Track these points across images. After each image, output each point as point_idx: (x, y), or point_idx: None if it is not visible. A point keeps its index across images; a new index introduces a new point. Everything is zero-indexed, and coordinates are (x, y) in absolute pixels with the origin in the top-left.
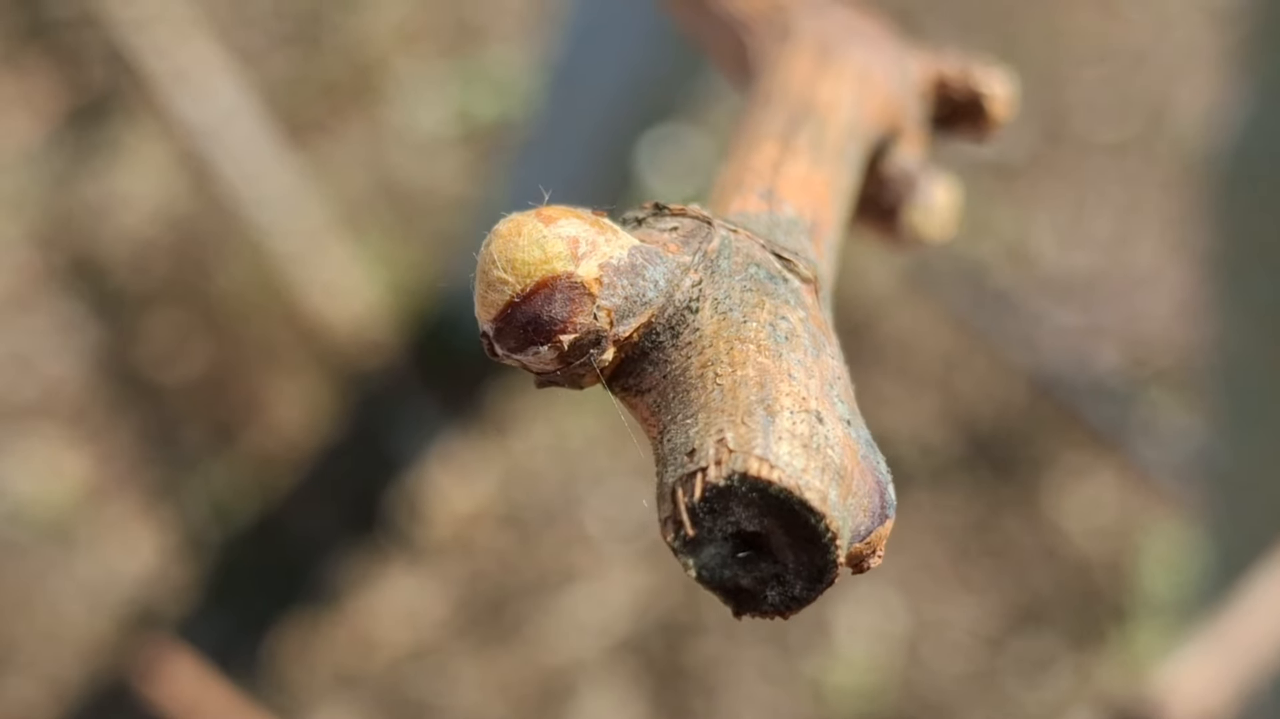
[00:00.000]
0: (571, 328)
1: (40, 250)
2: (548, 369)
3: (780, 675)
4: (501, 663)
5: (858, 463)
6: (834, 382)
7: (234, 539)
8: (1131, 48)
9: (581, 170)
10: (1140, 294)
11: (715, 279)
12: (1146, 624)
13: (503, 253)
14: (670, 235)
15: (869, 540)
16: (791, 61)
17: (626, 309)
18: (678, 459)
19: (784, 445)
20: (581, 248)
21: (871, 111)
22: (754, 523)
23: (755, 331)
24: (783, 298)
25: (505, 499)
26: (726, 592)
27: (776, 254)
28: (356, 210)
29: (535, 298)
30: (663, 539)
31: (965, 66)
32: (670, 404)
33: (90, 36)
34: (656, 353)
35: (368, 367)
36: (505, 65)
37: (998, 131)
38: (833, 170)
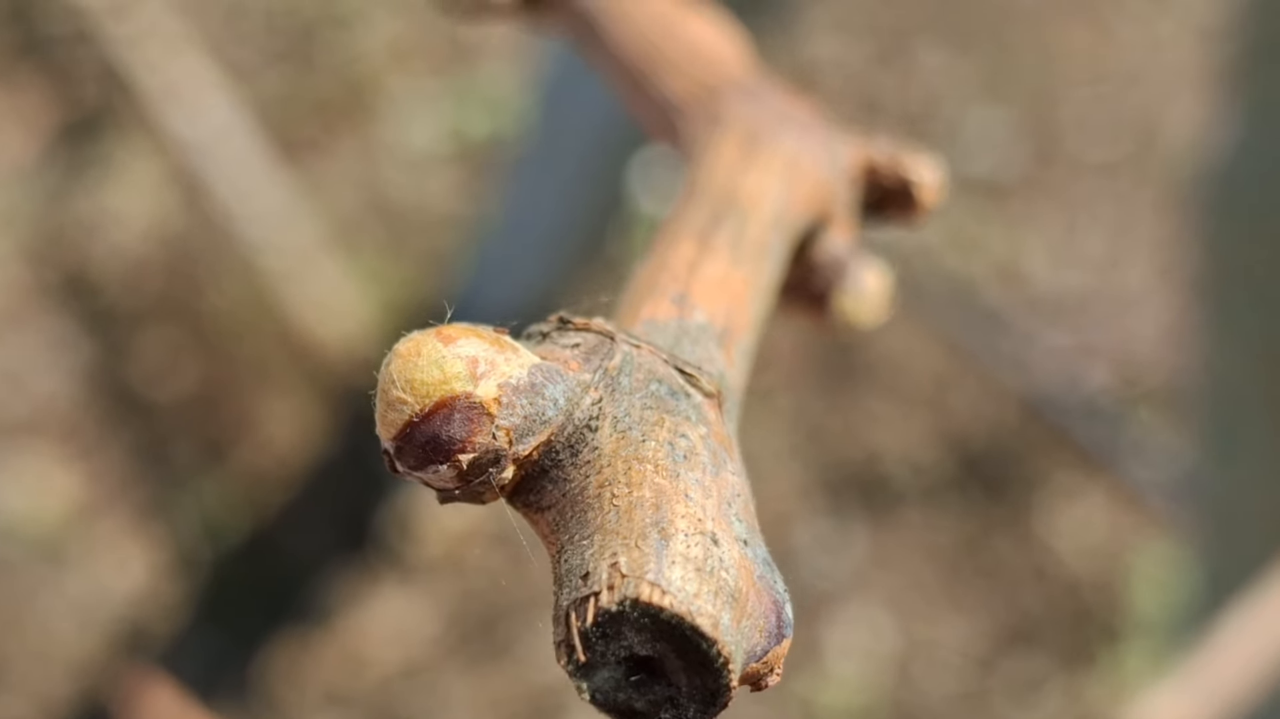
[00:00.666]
0: (470, 447)
1: (32, 267)
2: (448, 487)
3: (770, 696)
4: (492, 681)
5: (754, 584)
6: (732, 500)
7: (225, 557)
8: (1123, 68)
9: (573, 190)
10: (1131, 315)
11: (615, 397)
12: (1137, 645)
13: (402, 373)
14: (572, 352)
15: (766, 660)
16: (718, 151)
17: (526, 428)
18: (573, 582)
19: (677, 570)
20: (481, 367)
21: (799, 199)
22: (647, 647)
23: (654, 451)
24: (684, 414)
25: (496, 518)
26: (620, 714)
27: (679, 369)
28: (348, 228)
29: (434, 418)
30: (558, 662)
31: (894, 153)
32: (568, 523)
33: (83, 53)
34: (556, 471)
35: (359, 384)
36: (497, 84)
37: (925, 218)
38: (752, 268)
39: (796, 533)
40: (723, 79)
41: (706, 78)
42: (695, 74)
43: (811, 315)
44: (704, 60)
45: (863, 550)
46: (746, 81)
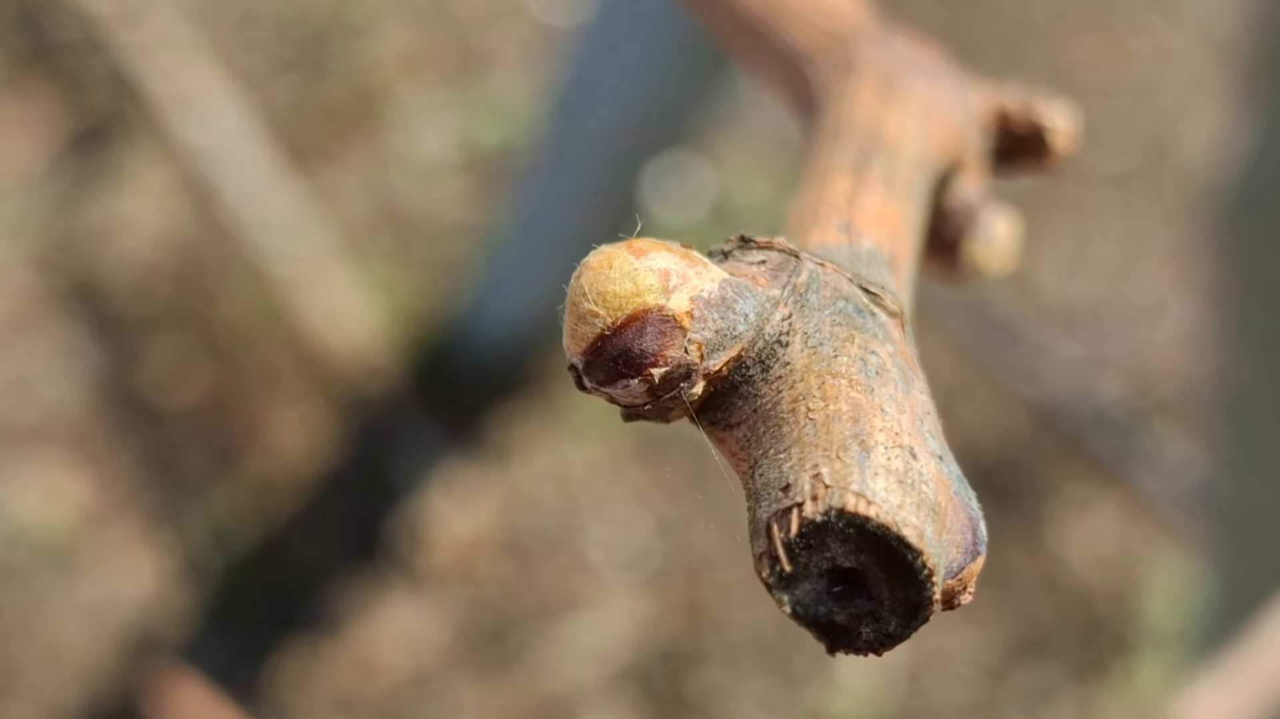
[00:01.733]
0: (662, 361)
1: (42, 274)
2: (636, 403)
3: (781, 705)
4: (502, 690)
5: (951, 499)
6: (924, 417)
7: (234, 564)
8: (1135, 80)
9: (584, 198)
10: (1143, 325)
11: (805, 313)
12: (1149, 656)
13: (593, 285)
14: (758, 269)
15: (960, 577)
16: (856, 94)
17: (717, 343)
18: (771, 494)
19: (880, 481)
20: (673, 280)
21: (936, 143)
22: (850, 559)
23: (846, 366)
24: (871, 332)
25: (506, 526)
26: (820, 628)
27: (863, 288)
28: (358, 236)
29: (626, 331)
30: (758, 576)
31: (1027, 99)
32: (761, 439)
33: (93, 61)
34: (746, 387)
35: (369, 392)
36: (508, 93)
37: (1059, 164)
38: (905, 203)
39: None
40: (849, 28)
41: (832, 27)
42: (820, 24)
43: (941, 262)
44: (826, 10)
45: None
46: (874, 30)
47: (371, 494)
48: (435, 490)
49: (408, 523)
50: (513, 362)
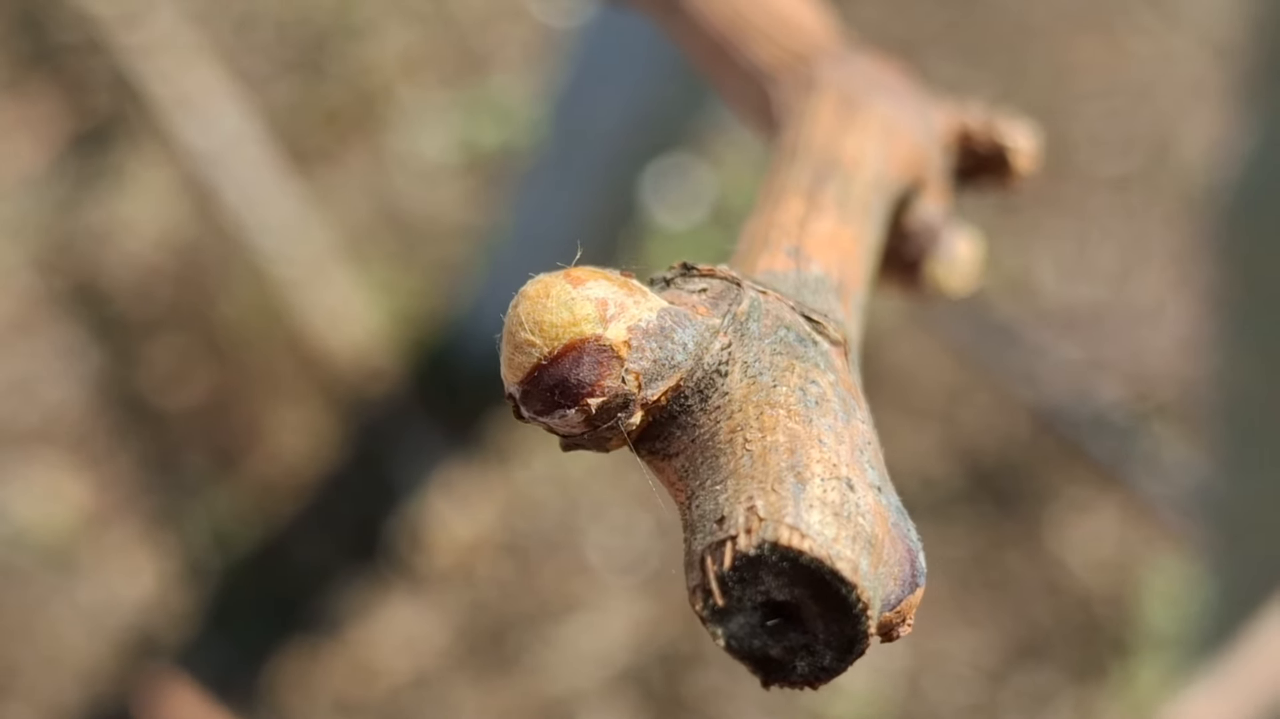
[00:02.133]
0: (599, 391)
1: (43, 276)
2: (574, 432)
3: (780, 708)
4: (501, 692)
5: (888, 530)
6: (864, 447)
7: (235, 566)
8: (1135, 82)
9: (585, 200)
10: (1142, 328)
11: (745, 342)
12: (1148, 659)
13: (530, 314)
14: (699, 297)
15: (899, 609)
16: (816, 114)
17: (655, 372)
18: (706, 526)
19: (815, 513)
20: (610, 309)
21: (896, 164)
22: (784, 592)
23: (785, 396)
24: (812, 361)
25: (506, 528)
26: (755, 661)
27: (806, 316)
28: (359, 237)
29: (563, 361)
30: (691, 608)
31: (989, 119)
32: (698, 469)
33: (95, 62)
34: (684, 417)
35: (369, 394)
36: (508, 94)
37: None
38: (859, 226)
39: None
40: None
41: (795, 45)
42: (784, 42)
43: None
44: (791, 28)
45: None
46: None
47: (372, 496)
48: (435, 492)
49: (408, 525)
50: None
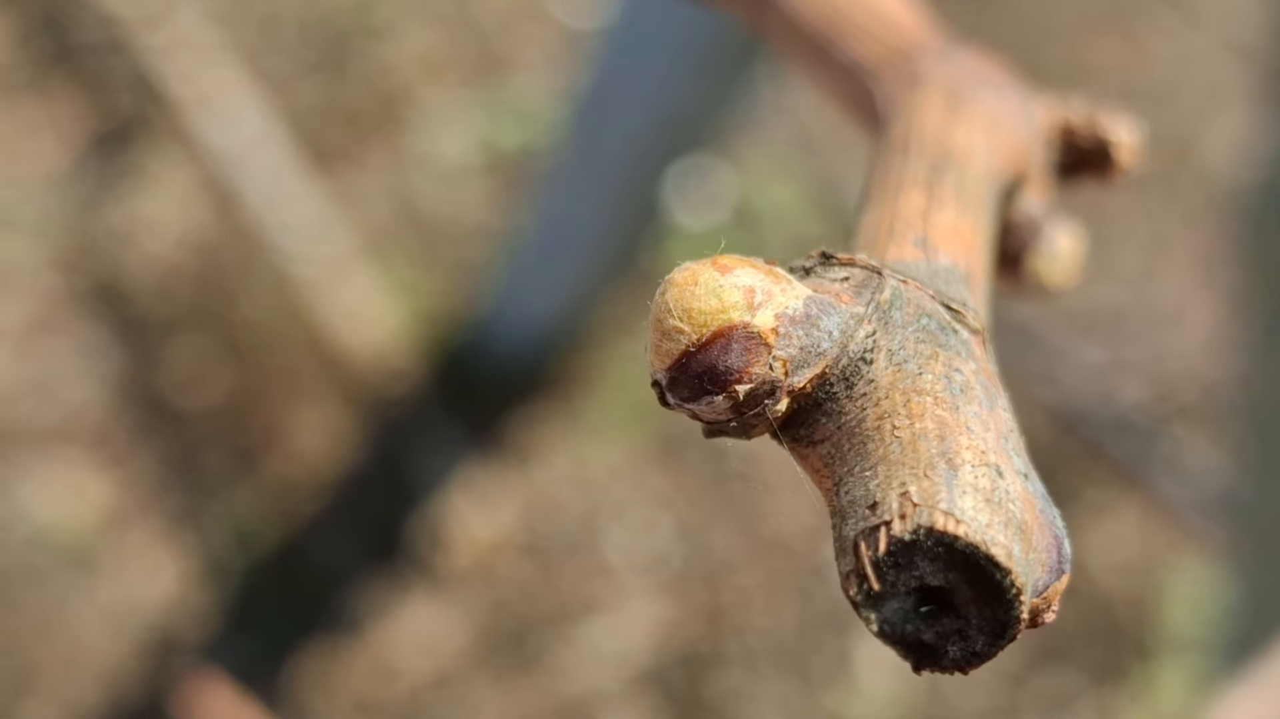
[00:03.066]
0: (747, 378)
1: (64, 275)
2: (720, 419)
3: (800, 709)
4: (521, 693)
5: (1037, 517)
6: (1008, 434)
7: (255, 566)
8: (1156, 84)
9: (606, 201)
10: (1164, 330)
11: (889, 330)
12: (1169, 662)
13: (678, 301)
14: (841, 285)
15: (1045, 595)
16: (924, 109)
17: (801, 359)
18: (858, 512)
19: (968, 499)
20: (758, 297)
21: (1002, 158)
22: (938, 577)
23: (931, 384)
24: (955, 349)
25: (526, 529)
26: (907, 646)
27: (945, 304)
28: (380, 238)
29: (711, 347)
30: (844, 593)
31: (1091, 113)
32: (845, 456)
33: (116, 62)
34: (830, 404)
35: (390, 394)
36: (530, 95)
37: (1123, 178)
38: (976, 218)
39: (827, 547)
40: (913, 42)
41: (896, 41)
42: (883, 38)
43: (1004, 276)
44: (889, 24)
45: None
46: (938, 44)
47: (392, 496)
48: (455, 492)
49: (428, 525)
50: (533, 364)
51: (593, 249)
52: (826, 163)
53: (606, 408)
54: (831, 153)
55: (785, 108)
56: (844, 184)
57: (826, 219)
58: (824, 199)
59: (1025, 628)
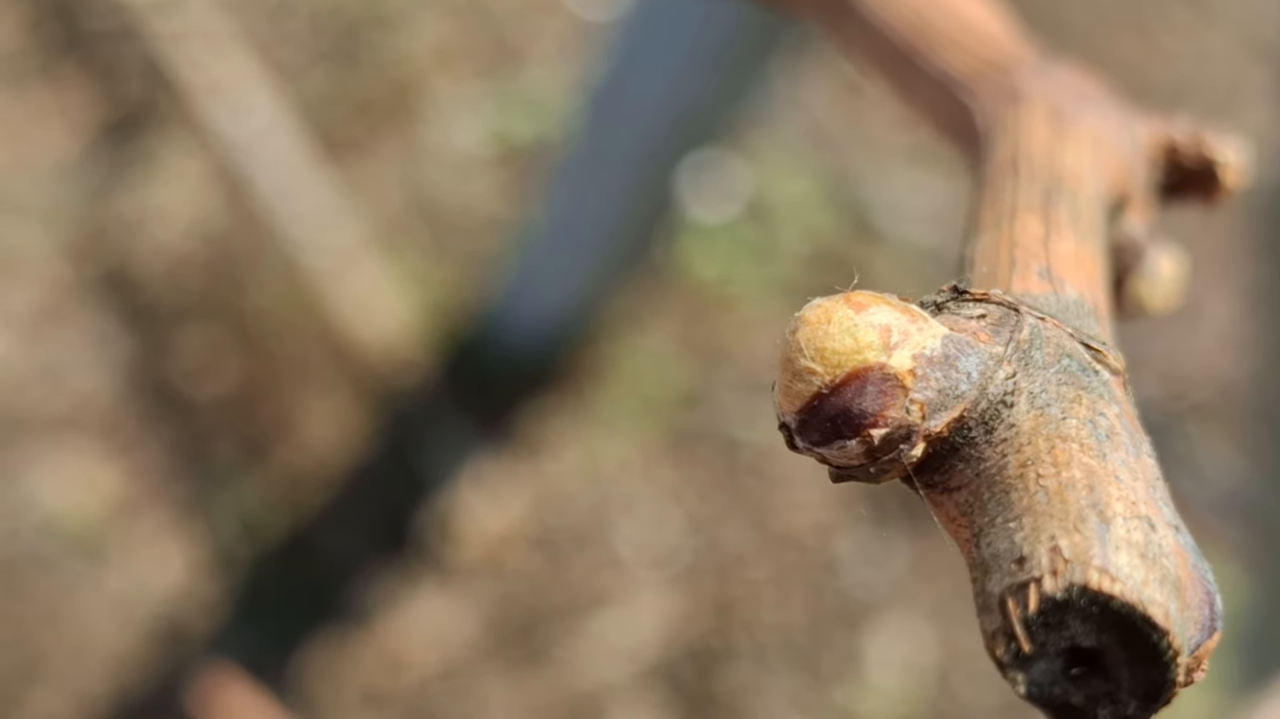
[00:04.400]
0: (882, 422)
1: (73, 263)
2: (852, 463)
3: (811, 704)
4: (530, 685)
5: (1190, 572)
6: (1156, 483)
7: (264, 556)
8: (1173, 81)
9: (618, 194)
10: (1179, 327)
11: (1030, 371)
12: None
13: (811, 341)
14: (978, 323)
15: (1197, 654)
16: (1029, 128)
17: (939, 402)
18: (1004, 566)
19: (1122, 555)
20: (894, 337)
21: (1107, 180)
22: (1090, 638)
23: (1076, 429)
24: (1097, 392)
25: (536, 521)
26: (1055, 708)
27: (1085, 344)
28: (391, 228)
29: (845, 389)
30: (989, 653)
31: (1197, 133)
32: (986, 505)
33: (127, 50)
34: (968, 449)
35: (400, 385)
36: (543, 87)
37: (1227, 200)
38: (1093, 245)
39: (838, 542)
40: (1006, 54)
41: (989, 54)
42: (977, 50)
43: None
44: (981, 36)
45: (904, 561)
46: (1033, 58)
47: (401, 487)
48: (465, 484)
49: (437, 516)
50: (544, 356)
51: (605, 242)
52: (841, 157)
53: (617, 401)
54: (846, 148)
55: (800, 102)
56: (858, 179)
57: (840, 214)
58: (838, 193)
59: (1180, 686)
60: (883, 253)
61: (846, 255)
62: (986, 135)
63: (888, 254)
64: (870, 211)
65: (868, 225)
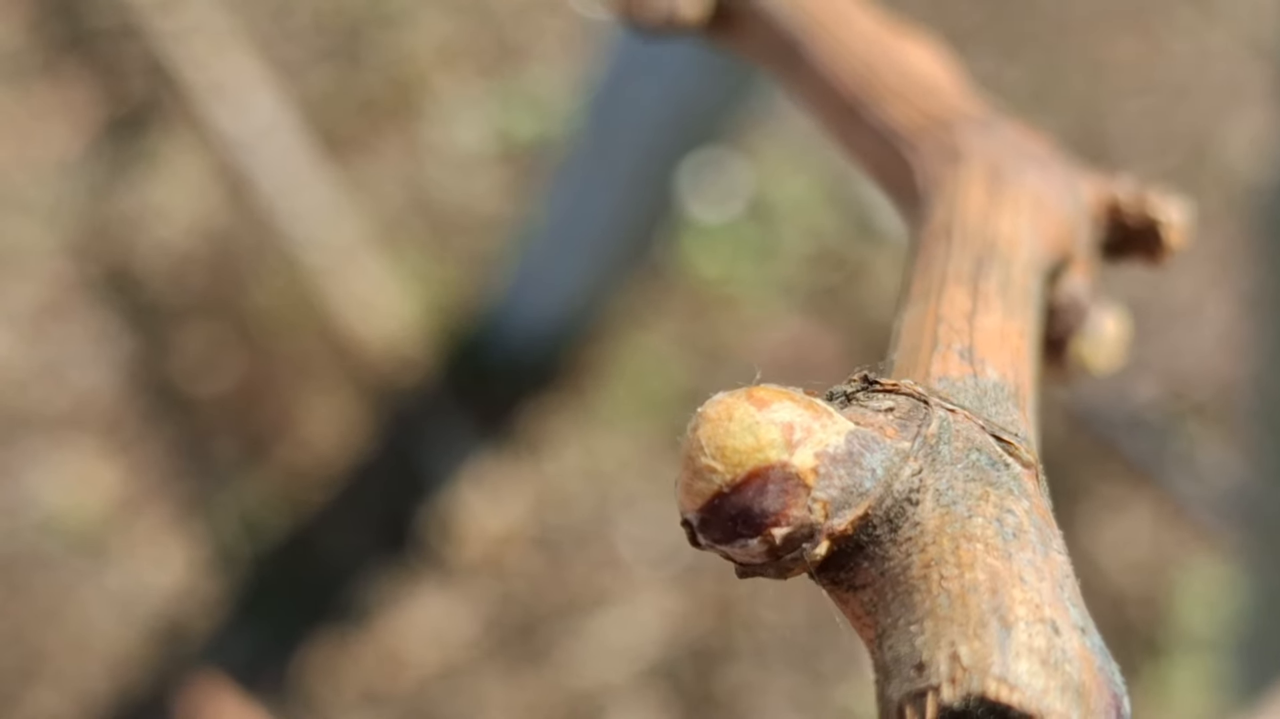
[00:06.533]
0: (784, 521)
1: (75, 261)
2: (754, 561)
3: (811, 703)
4: (530, 685)
5: (1095, 676)
6: (1064, 582)
7: (264, 555)
8: (1173, 81)
9: (620, 193)
10: (1179, 328)
11: (936, 468)
12: (1181, 660)
13: (712, 439)
14: (886, 417)
15: None
16: (966, 190)
17: (842, 500)
18: (904, 672)
19: (1023, 663)
20: (796, 434)
21: (1047, 241)
22: None
23: (982, 528)
24: (1006, 487)
25: (536, 521)
26: None
27: (995, 436)
28: (392, 227)
29: (746, 488)
30: None
31: (1140, 192)
32: (889, 605)
33: (129, 48)
34: (873, 547)
35: (401, 384)
36: (545, 85)
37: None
38: (1023, 318)
39: None
40: (950, 109)
41: (933, 109)
42: (919, 103)
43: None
44: (927, 90)
45: None
46: (975, 112)
47: (401, 486)
48: (465, 483)
49: (437, 516)
50: (545, 355)
51: (606, 241)
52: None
53: (618, 400)
54: None
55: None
56: (859, 178)
57: (841, 213)
58: (839, 193)
59: None
60: (883, 252)
61: (847, 255)
62: (925, 196)
63: (888, 253)
64: (871, 211)
65: (869, 224)
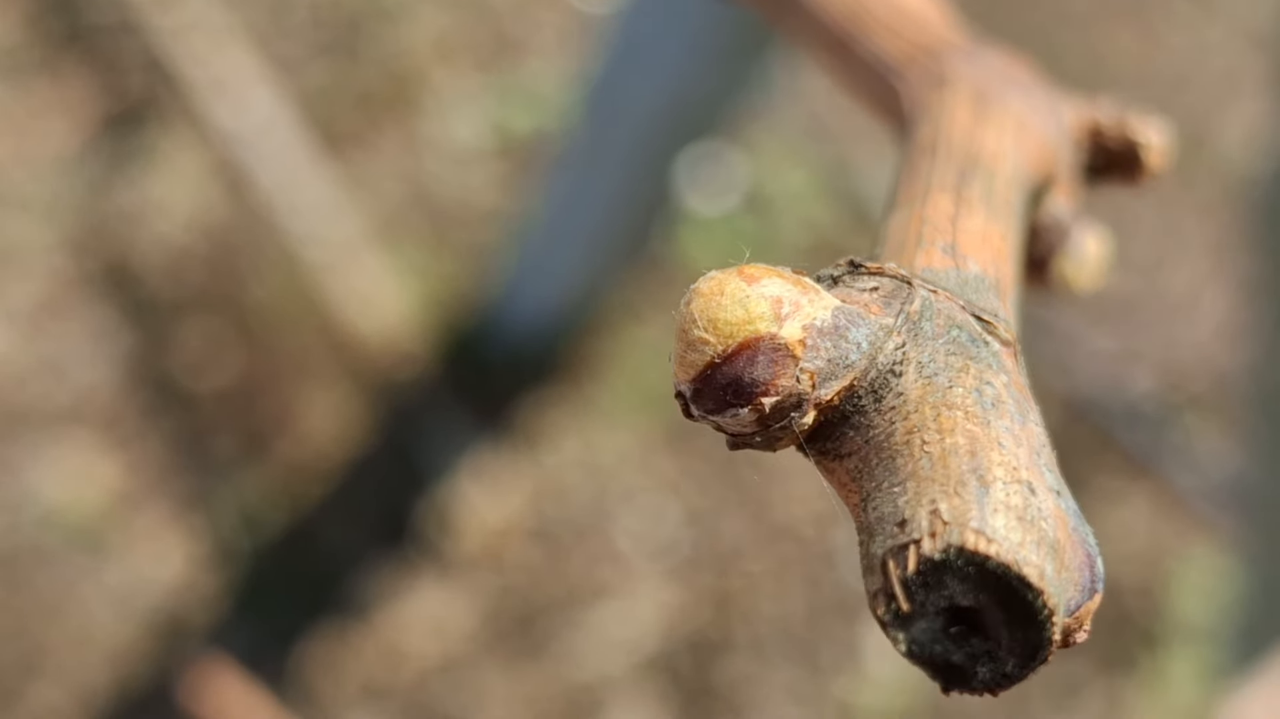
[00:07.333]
0: (773, 390)
1: (74, 257)
2: (745, 432)
3: (809, 696)
4: (529, 678)
5: (1069, 535)
6: (1040, 450)
7: (263, 549)
8: (1171, 73)
9: (617, 186)
10: (1176, 319)
11: (919, 342)
12: (1178, 651)
13: (704, 312)
14: (870, 295)
15: (1077, 615)
16: (952, 110)
17: (829, 372)
18: (886, 529)
19: (1000, 518)
20: (785, 308)
21: (1030, 161)
22: (968, 598)
23: (962, 398)
24: (985, 362)
25: (535, 513)
26: (935, 667)
27: (976, 315)
28: (391, 221)
29: (737, 359)
30: (872, 612)
31: (1120, 115)
32: (874, 470)
33: (128, 43)
34: (858, 417)
35: (400, 378)
36: (542, 79)
37: (1152, 180)
38: (1005, 224)
39: (836, 534)
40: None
41: (921, 39)
42: (908, 35)
43: (1030, 280)
44: (913, 21)
45: None
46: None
47: (401, 480)
48: (464, 477)
49: (437, 509)
50: (544, 348)
51: (604, 234)
52: (839, 149)
53: (616, 393)
54: (844, 139)
55: (798, 93)
56: (856, 170)
57: (839, 205)
58: (836, 185)
59: (1057, 649)
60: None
61: (845, 246)
62: (911, 118)
63: None
64: (869, 202)
65: (866, 216)
